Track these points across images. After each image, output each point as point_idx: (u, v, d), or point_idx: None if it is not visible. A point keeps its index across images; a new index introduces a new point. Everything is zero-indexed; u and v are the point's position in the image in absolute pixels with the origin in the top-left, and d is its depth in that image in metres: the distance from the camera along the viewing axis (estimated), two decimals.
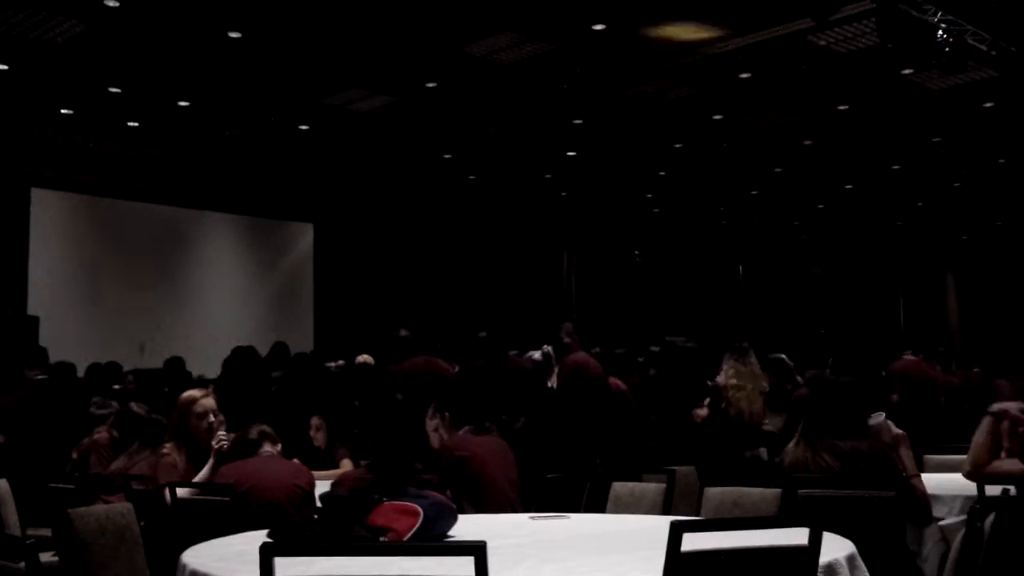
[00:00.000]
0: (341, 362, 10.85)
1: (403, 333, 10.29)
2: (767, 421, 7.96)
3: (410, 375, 8.96)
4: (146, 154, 14.79)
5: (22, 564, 3.29)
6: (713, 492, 4.93)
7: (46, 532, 5.55)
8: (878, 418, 4.94)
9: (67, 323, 13.74)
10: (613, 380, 8.85)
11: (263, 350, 12.35)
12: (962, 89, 12.20)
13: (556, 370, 8.90)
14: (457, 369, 9.50)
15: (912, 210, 21.07)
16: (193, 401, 5.84)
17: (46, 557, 4.84)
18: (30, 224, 14.48)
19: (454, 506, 4.27)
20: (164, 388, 9.74)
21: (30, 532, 5.93)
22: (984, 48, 9.33)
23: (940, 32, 8.88)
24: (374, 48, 10.84)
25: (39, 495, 6.00)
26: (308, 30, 10.31)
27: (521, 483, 5.83)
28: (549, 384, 8.80)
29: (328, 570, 2.77)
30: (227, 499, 4.97)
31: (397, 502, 3.75)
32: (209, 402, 5.87)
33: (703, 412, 7.77)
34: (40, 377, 8.96)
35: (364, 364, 10.36)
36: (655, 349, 10.54)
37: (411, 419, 6.48)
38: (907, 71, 11.61)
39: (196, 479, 5.51)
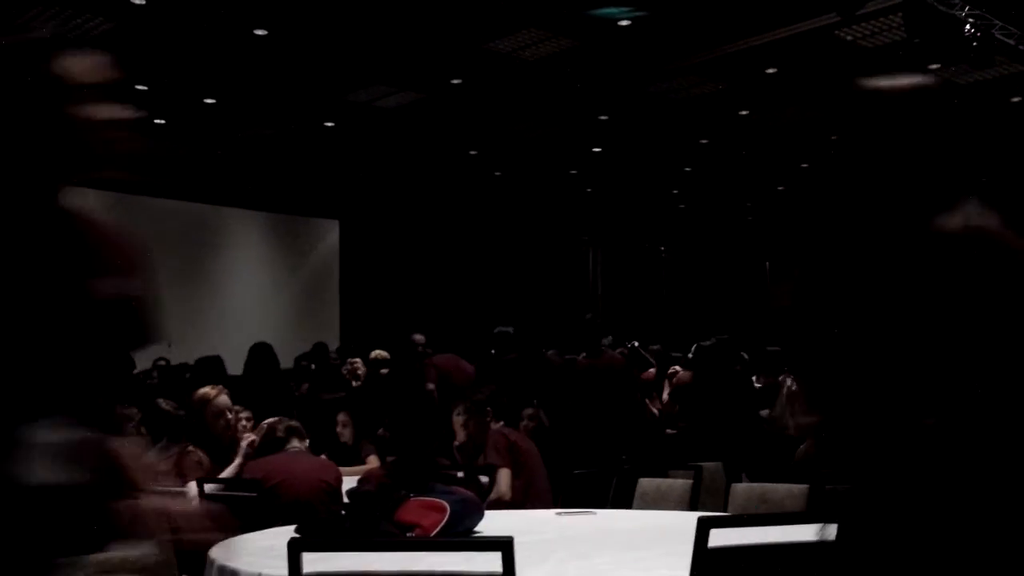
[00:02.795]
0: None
1: (417, 337, 10.37)
2: None
3: (440, 370, 9.02)
4: (173, 151, 14.85)
5: None
6: (740, 488, 4.92)
7: None
8: None
9: None
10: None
11: (290, 345, 12.42)
12: (989, 84, 12.12)
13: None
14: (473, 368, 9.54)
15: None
16: (208, 400, 5.83)
17: None
18: None
19: (480, 502, 4.28)
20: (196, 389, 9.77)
21: None
22: (1012, 43, 9.28)
23: (968, 27, 8.83)
24: (399, 45, 10.85)
25: None
26: (333, 27, 10.33)
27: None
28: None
29: (356, 566, 2.78)
30: (255, 495, 4.99)
31: (424, 498, 3.77)
32: (224, 400, 5.87)
33: None
34: None
35: (380, 359, 10.39)
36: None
37: (437, 415, 6.51)
38: (934, 66, 11.54)
39: (224, 475, 5.52)
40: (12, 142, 2.00)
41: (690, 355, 9.14)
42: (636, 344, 11.40)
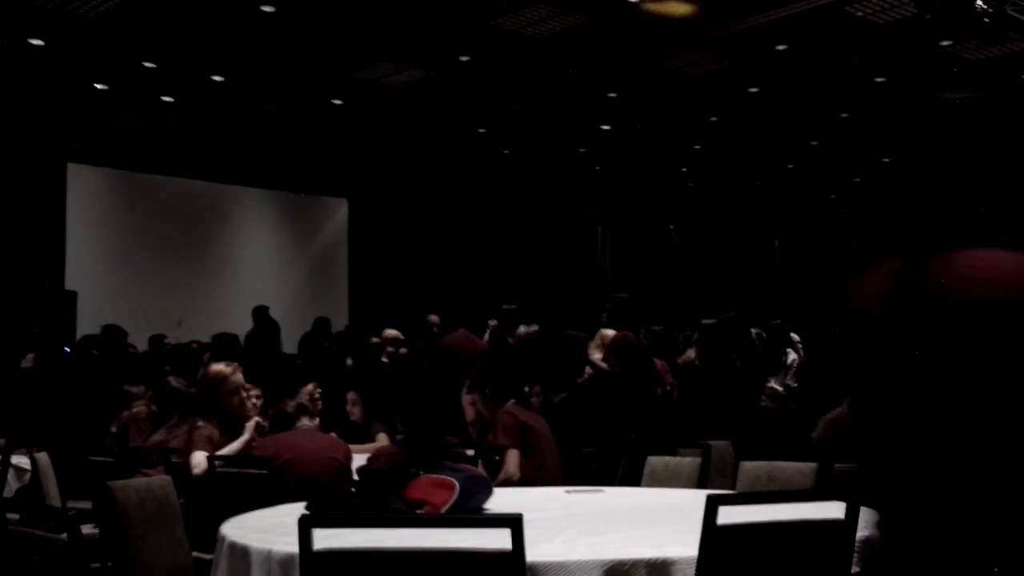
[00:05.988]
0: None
1: (431, 318, 10.37)
2: None
3: (455, 349, 9.04)
4: (181, 129, 14.85)
5: (64, 535, 3.33)
6: (748, 466, 4.92)
7: (86, 504, 5.61)
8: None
9: (104, 298, 13.83)
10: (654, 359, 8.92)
11: (298, 324, 12.45)
12: (1001, 60, 12.06)
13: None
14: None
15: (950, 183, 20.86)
16: (224, 378, 5.85)
17: (87, 529, 4.90)
18: (66, 199, 14.57)
19: (489, 479, 4.29)
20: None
21: (71, 504, 5.99)
22: None
23: (979, 2, 8.76)
24: (407, 22, 10.82)
25: (79, 468, 6.07)
26: (341, 4, 10.30)
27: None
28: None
29: (365, 543, 2.79)
30: (265, 472, 5.01)
31: (433, 476, 3.77)
32: (239, 378, 5.90)
33: None
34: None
35: (393, 339, 10.41)
36: None
37: (445, 393, 6.53)
38: (945, 42, 11.48)
39: (225, 451, 5.52)
40: None
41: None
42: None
